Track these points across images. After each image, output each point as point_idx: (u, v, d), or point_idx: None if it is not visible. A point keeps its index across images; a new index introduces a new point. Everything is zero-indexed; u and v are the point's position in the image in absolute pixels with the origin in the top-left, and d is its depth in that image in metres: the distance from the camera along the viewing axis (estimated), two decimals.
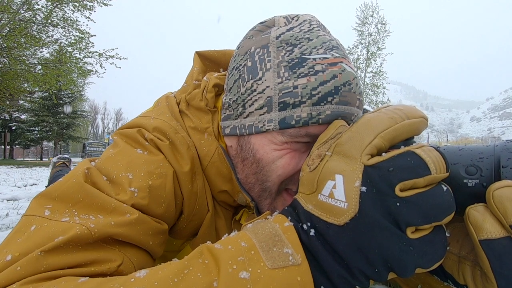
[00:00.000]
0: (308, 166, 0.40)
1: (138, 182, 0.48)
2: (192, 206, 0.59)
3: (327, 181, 0.35)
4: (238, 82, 0.55)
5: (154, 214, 0.49)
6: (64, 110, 26.93)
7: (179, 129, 0.59)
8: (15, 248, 0.37)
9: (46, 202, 0.43)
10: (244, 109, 0.54)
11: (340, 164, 0.35)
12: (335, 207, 0.34)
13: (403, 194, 0.31)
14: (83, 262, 0.38)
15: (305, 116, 0.48)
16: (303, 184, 0.39)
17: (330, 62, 0.49)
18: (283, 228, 0.36)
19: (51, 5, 11.67)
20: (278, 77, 0.50)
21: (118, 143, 0.56)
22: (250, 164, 0.55)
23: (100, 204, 0.44)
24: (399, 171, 0.31)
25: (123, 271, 0.41)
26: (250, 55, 0.55)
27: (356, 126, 0.36)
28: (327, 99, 0.48)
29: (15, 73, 12.24)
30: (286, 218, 0.38)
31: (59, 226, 0.39)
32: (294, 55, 0.50)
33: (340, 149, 0.36)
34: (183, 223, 0.60)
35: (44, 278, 0.34)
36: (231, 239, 0.37)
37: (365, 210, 0.32)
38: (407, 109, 0.35)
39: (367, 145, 0.34)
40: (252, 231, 0.37)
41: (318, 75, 0.48)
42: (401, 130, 0.34)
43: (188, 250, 0.65)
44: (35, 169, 9.21)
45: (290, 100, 0.49)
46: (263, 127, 0.51)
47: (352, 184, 0.33)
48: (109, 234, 0.41)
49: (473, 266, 0.38)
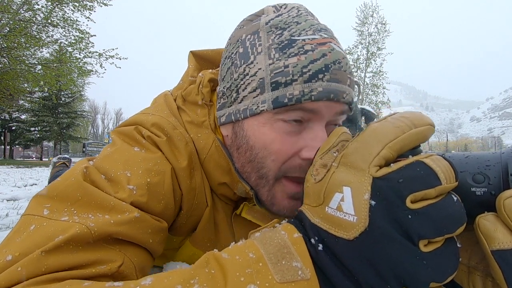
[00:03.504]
0: (313, 176, 0.39)
1: (136, 179, 0.48)
2: (191, 201, 0.59)
3: (335, 194, 0.34)
4: (231, 69, 0.57)
5: (153, 211, 0.49)
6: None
7: (177, 125, 0.59)
8: (14, 248, 0.37)
9: (44, 201, 0.43)
10: (238, 94, 0.55)
11: (347, 176, 0.34)
12: (343, 220, 0.33)
13: (414, 206, 0.30)
14: (84, 262, 0.37)
15: (298, 94, 0.49)
16: (308, 196, 0.38)
17: (319, 42, 0.51)
18: (292, 239, 0.35)
19: (51, 5, 11.68)
20: (269, 59, 0.51)
21: (116, 142, 0.56)
22: (244, 152, 0.56)
23: (99, 203, 0.43)
24: (409, 182, 0.30)
25: (124, 271, 0.40)
26: (241, 42, 0.56)
27: (362, 136, 0.35)
28: (318, 76, 0.49)
29: (15, 73, 12.24)
30: (295, 229, 0.37)
31: (59, 225, 0.39)
32: (284, 38, 0.52)
33: (346, 160, 0.35)
34: (182, 219, 0.60)
35: (46, 281, 0.34)
36: (239, 248, 0.36)
37: (375, 223, 0.31)
38: (413, 117, 0.34)
39: (375, 156, 0.33)
40: (260, 241, 0.36)
41: (308, 54, 0.50)
42: (409, 140, 0.33)
43: (187, 246, 0.65)
44: (35, 169, 9.21)
45: (282, 79, 0.50)
46: (257, 109, 0.52)
47: (360, 196, 0.32)
48: (109, 232, 0.41)
49: (484, 277, 0.37)
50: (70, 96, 28.48)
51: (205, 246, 0.64)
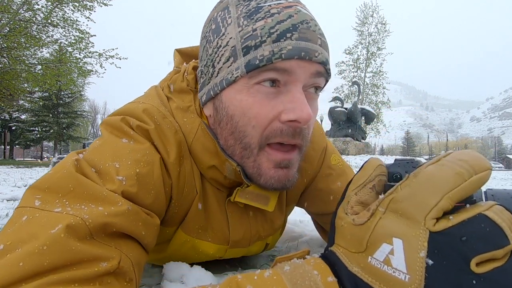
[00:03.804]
0: (347, 213, 0.36)
1: (125, 170, 0.48)
2: (181, 189, 0.60)
3: (382, 244, 0.31)
4: (206, 47, 0.58)
5: (144, 202, 0.49)
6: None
7: (168, 115, 0.60)
8: (6, 238, 0.36)
9: (36, 193, 0.42)
10: (214, 68, 0.56)
11: (398, 226, 0.31)
12: (392, 276, 0.29)
13: (480, 270, 0.27)
14: (85, 258, 0.37)
15: (268, 54, 0.49)
16: (343, 237, 0.35)
17: (285, 6, 0.52)
18: (326, 283, 0.32)
19: (51, 5, 11.66)
20: (238, 27, 0.53)
21: (104, 134, 0.56)
22: (225, 125, 0.56)
23: (92, 194, 0.43)
24: (475, 241, 0.27)
25: (123, 268, 0.40)
26: (213, 20, 0.58)
27: (417, 182, 0.31)
28: (286, 35, 0.50)
29: (15, 73, 12.23)
30: (329, 270, 0.34)
31: (52, 216, 0.38)
32: (251, 6, 0.53)
33: (397, 207, 0.31)
34: (174, 209, 0.61)
35: (55, 283, 0.33)
36: (265, 282, 0.33)
37: (433, 286, 0.28)
38: (473, 160, 0.30)
39: (433, 207, 0.29)
40: (290, 280, 0.33)
41: (274, 16, 0.51)
42: (470, 188, 0.29)
43: (179, 234, 0.66)
44: (35, 169, 9.22)
45: (252, 43, 0.51)
46: (231, 77, 0.53)
47: (415, 253, 0.29)
48: (104, 223, 0.40)
49: None
50: (70, 96, 28.45)
51: (197, 232, 0.66)
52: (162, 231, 0.64)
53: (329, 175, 0.79)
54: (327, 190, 0.79)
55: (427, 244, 0.28)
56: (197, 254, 0.70)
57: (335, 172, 0.80)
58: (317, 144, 0.77)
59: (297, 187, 0.78)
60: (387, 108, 28.28)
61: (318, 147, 0.77)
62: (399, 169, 0.40)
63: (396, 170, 0.41)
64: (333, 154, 0.82)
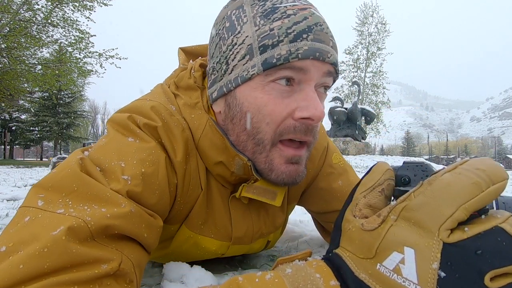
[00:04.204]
0: (355, 216, 0.36)
1: (131, 170, 0.48)
2: (187, 187, 0.60)
3: (392, 252, 0.30)
4: (219, 44, 0.58)
5: (148, 203, 0.49)
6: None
7: (175, 113, 0.60)
8: (8, 238, 0.36)
9: (39, 192, 0.42)
10: (228, 65, 0.56)
11: (411, 235, 0.30)
12: (401, 286, 0.29)
13: (494, 285, 0.26)
14: (85, 260, 0.36)
15: (285, 53, 0.51)
16: (351, 242, 0.34)
17: (300, 8, 0.54)
18: (328, 286, 0.32)
19: (51, 5, 11.65)
20: (255, 26, 0.53)
21: (110, 132, 0.56)
22: (239, 121, 0.56)
23: (95, 194, 0.43)
24: (490, 255, 0.26)
25: (124, 269, 0.40)
26: (227, 18, 0.58)
27: (432, 191, 0.30)
28: (303, 36, 0.51)
29: (15, 73, 12.22)
30: (331, 274, 0.33)
31: (54, 217, 0.38)
32: (267, 6, 0.54)
33: (410, 215, 0.31)
34: (179, 207, 0.61)
35: (55, 285, 0.33)
36: (267, 286, 0.33)
37: None
38: (490, 169, 0.29)
39: (448, 218, 0.28)
40: (292, 283, 0.33)
41: (290, 18, 0.52)
42: (487, 199, 0.28)
43: (183, 230, 0.66)
44: (35, 169, 9.21)
45: (269, 42, 0.52)
46: (247, 74, 0.53)
47: (427, 264, 0.28)
48: (106, 225, 0.40)
49: None
50: (70, 96, 28.46)
51: (199, 228, 0.66)
52: (166, 229, 0.64)
53: (330, 174, 0.80)
54: (328, 189, 0.79)
55: (440, 255, 0.28)
56: (200, 250, 0.70)
57: (337, 171, 0.80)
58: (318, 143, 0.77)
59: (299, 186, 0.78)
60: (387, 108, 28.27)
61: (320, 146, 0.78)
62: (407, 172, 0.40)
63: (404, 173, 0.40)
64: (334, 153, 0.82)
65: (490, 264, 0.26)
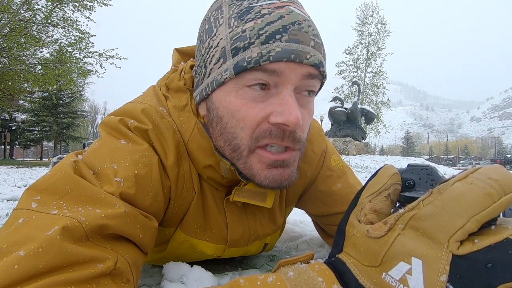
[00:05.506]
0: (360, 221, 0.35)
1: (123, 172, 0.48)
2: (180, 190, 0.60)
3: (399, 262, 0.29)
4: (200, 47, 0.58)
5: (142, 205, 0.49)
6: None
7: (166, 115, 0.60)
8: (2, 240, 0.36)
9: (33, 194, 0.42)
10: (206, 69, 0.56)
11: (419, 246, 0.29)
12: None
13: None
14: (81, 259, 0.36)
15: (256, 56, 0.49)
16: (355, 248, 0.34)
17: (276, 6, 0.51)
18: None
19: (51, 5, 11.65)
20: (229, 28, 0.52)
21: (102, 135, 0.56)
22: (215, 126, 0.55)
23: (89, 195, 0.43)
24: (501, 269, 0.26)
25: (120, 268, 0.40)
26: (207, 20, 0.58)
27: (442, 201, 0.29)
28: (275, 37, 0.49)
29: (15, 73, 12.22)
30: (334, 278, 0.33)
31: (48, 218, 0.38)
32: (243, 6, 0.52)
33: (418, 225, 0.30)
34: (173, 210, 0.61)
35: (51, 285, 0.33)
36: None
37: None
38: (503, 179, 0.28)
39: (458, 230, 0.27)
40: (294, 286, 0.32)
41: (264, 17, 0.50)
42: (499, 210, 0.28)
43: (178, 233, 0.66)
44: (35, 169, 9.21)
45: (240, 44, 0.50)
46: (221, 78, 0.52)
47: (435, 276, 0.27)
48: (100, 225, 0.40)
49: None
50: (70, 96, 28.45)
51: (195, 232, 0.66)
52: (162, 232, 0.64)
53: (329, 176, 0.79)
54: (327, 192, 0.78)
55: (449, 267, 0.27)
56: (195, 253, 0.70)
57: (336, 174, 0.80)
58: (317, 145, 0.77)
59: (296, 188, 0.77)
60: (387, 108, 28.28)
61: (318, 149, 0.77)
62: (412, 176, 0.39)
63: (409, 176, 0.39)
64: (333, 156, 0.82)
65: (500, 278, 0.25)
